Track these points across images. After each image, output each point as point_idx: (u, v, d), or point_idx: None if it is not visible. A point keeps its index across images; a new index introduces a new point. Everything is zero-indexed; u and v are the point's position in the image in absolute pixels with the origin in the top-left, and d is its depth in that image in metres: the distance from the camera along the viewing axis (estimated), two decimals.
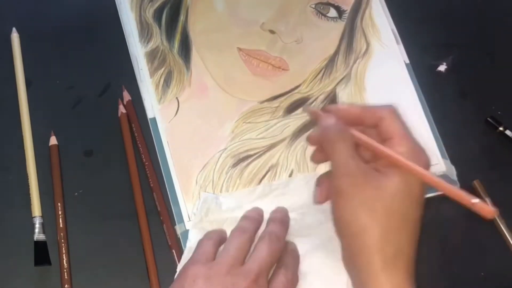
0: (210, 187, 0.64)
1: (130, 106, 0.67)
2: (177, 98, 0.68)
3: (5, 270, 0.61)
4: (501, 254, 0.63)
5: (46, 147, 0.65)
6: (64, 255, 0.61)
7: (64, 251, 0.61)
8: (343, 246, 0.55)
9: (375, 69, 0.69)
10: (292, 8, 0.72)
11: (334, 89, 0.69)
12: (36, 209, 0.63)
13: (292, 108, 0.68)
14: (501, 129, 0.67)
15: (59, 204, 0.63)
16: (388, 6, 0.72)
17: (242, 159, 0.65)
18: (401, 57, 0.70)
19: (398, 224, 0.52)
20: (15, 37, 0.70)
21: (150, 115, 0.67)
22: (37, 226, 0.62)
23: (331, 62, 0.70)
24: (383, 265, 0.51)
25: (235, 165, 0.65)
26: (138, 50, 0.70)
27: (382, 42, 0.71)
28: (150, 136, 0.66)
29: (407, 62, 0.70)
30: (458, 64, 0.71)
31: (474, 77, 0.71)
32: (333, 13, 0.72)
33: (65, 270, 0.61)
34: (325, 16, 0.72)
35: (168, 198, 0.64)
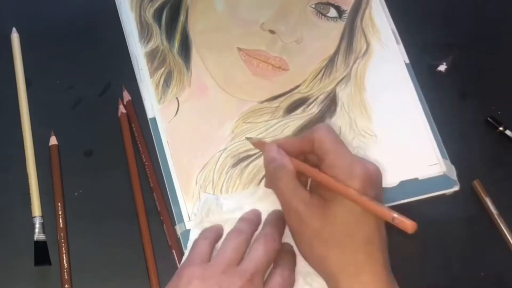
0: (210, 187, 0.64)
1: (130, 106, 0.67)
2: (177, 98, 0.68)
3: (5, 270, 0.61)
4: (501, 254, 0.63)
5: (46, 147, 0.65)
6: (64, 255, 0.61)
7: (64, 251, 0.61)
8: None
9: (375, 69, 0.69)
10: (292, 8, 0.72)
11: (334, 89, 0.69)
12: (36, 209, 0.63)
13: (292, 108, 0.68)
14: (501, 129, 0.67)
15: (59, 204, 0.63)
16: (388, 6, 0.72)
17: (242, 159, 0.65)
18: (401, 57, 0.70)
19: (350, 245, 0.54)
20: (15, 37, 0.70)
21: (150, 115, 0.67)
22: (37, 226, 0.62)
23: (331, 62, 0.70)
24: (349, 282, 0.54)
25: (235, 165, 0.65)
26: (138, 50, 0.70)
27: (382, 42, 0.71)
28: (150, 136, 0.66)
29: (407, 62, 0.70)
30: (458, 64, 0.71)
31: (474, 77, 0.71)
32: (333, 13, 0.72)
33: (65, 270, 0.61)
34: (325, 16, 0.72)
35: (168, 198, 0.64)
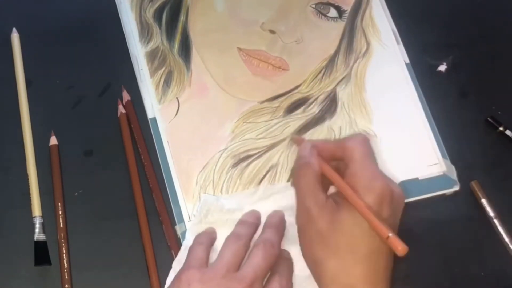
0: (211, 187, 0.64)
1: (129, 106, 0.67)
2: (177, 98, 0.68)
3: (5, 270, 0.61)
4: (500, 254, 0.63)
5: (46, 147, 0.65)
6: (64, 255, 0.61)
7: (64, 251, 0.61)
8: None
9: (375, 69, 0.69)
10: (292, 8, 0.72)
11: (334, 89, 0.69)
12: (36, 209, 0.63)
13: (292, 108, 0.68)
14: (501, 129, 0.67)
15: (59, 204, 0.63)
16: (388, 6, 0.72)
17: (242, 159, 0.65)
18: (401, 57, 0.70)
19: (350, 256, 0.54)
20: (15, 37, 0.70)
21: (150, 115, 0.67)
22: (37, 226, 0.62)
23: (331, 62, 0.70)
24: None
25: (235, 165, 0.65)
26: (138, 50, 0.70)
27: (382, 42, 0.71)
28: (150, 136, 0.66)
29: (407, 62, 0.70)
30: (458, 64, 0.71)
31: (474, 77, 0.71)
32: (333, 13, 0.72)
33: (65, 270, 0.61)
34: (325, 16, 0.72)
35: (168, 198, 0.64)
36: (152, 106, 0.67)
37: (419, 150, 0.66)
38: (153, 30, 0.71)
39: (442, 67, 0.71)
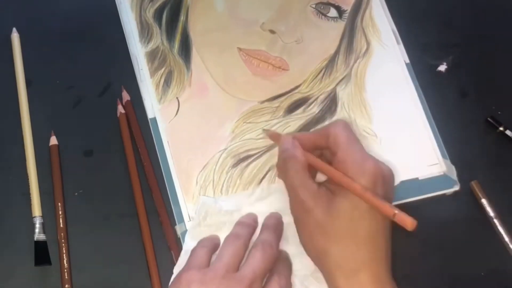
0: (211, 187, 0.64)
1: (129, 106, 0.67)
2: (177, 98, 0.68)
3: (5, 270, 0.61)
4: (501, 254, 0.63)
5: (46, 147, 0.65)
6: (64, 255, 0.61)
7: (64, 251, 0.61)
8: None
9: (375, 69, 0.69)
10: (292, 8, 0.72)
11: (335, 89, 0.69)
12: (36, 209, 0.63)
13: (292, 108, 0.68)
14: (501, 129, 0.67)
15: (59, 204, 0.63)
16: (388, 6, 0.72)
17: (242, 159, 0.65)
18: (401, 57, 0.70)
19: (352, 241, 0.54)
20: (15, 37, 0.70)
21: (150, 115, 0.67)
22: (37, 226, 0.62)
23: (331, 62, 0.70)
24: (346, 282, 0.54)
25: (236, 165, 0.65)
26: (138, 50, 0.70)
27: (382, 42, 0.71)
28: (151, 136, 0.66)
29: (407, 62, 0.70)
30: (458, 64, 0.71)
31: (474, 77, 0.71)
32: (333, 13, 0.72)
33: (65, 270, 0.61)
34: (325, 16, 0.72)
35: (167, 198, 0.64)
36: (152, 106, 0.67)
37: (419, 150, 0.66)
38: (153, 30, 0.71)
39: (442, 67, 0.71)
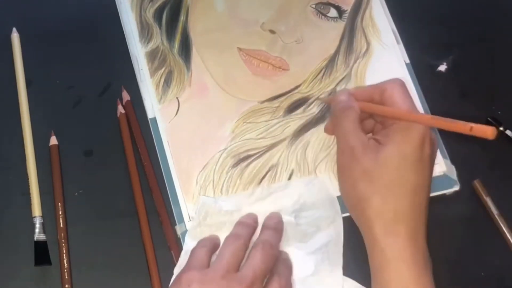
0: (211, 187, 0.64)
1: (129, 106, 0.67)
2: (177, 98, 0.68)
3: (5, 270, 0.61)
4: (501, 254, 0.63)
5: (46, 147, 0.65)
6: (64, 255, 0.61)
7: (64, 251, 0.61)
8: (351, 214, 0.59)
9: (375, 69, 0.69)
10: (292, 8, 0.72)
11: (335, 89, 0.69)
12: (36, 209, 0.63)
13: (292, 108, 0.68)
14: (501, 129, 0.67)
15: (59, 204, 0.63)
16: (388, 6, 0.72)
17: (242, 159, 0.65)
18: (401, 57, 0.70)
19: (396, 191, 0.55)
20: (15, 37, 0.70)
21: (150, 115, 0.67)
22: (37, 226, 0.62)
23: (331, 62, 0.70)
24: (384, 231, 0.54)
25: (235, 165, 0.65)
26: (138, 50, 0.70)
27: (382, 42, 0.71)
28: (151, 136, 0.66)
29: (407, 62, 0.70)
30: (458, 64, 0.71)
31: (474, 77, 0.71)
32: (333, 13, 0.72)
33: (65, 270, 0.61)
34: (325, 16, 0.72)
35: (167, 198, 0.64)
36: (152, 106, 0.67)
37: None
38: (153, 30, 0.71)
39: (442, 67, 0.71)
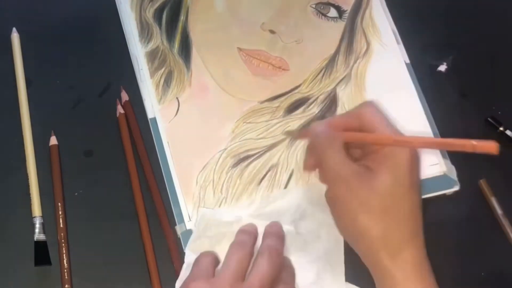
0: (211, 187, 0.64)
1: (128, 106, 0.67)
2: (177, 98, 0.68)
3: (5, 270, 0.61)
4: (501, 254, 0.63)
5: (46, 147, 0.65)
6: (64, 255, 0.61)
7: (64, 251, 0.61)
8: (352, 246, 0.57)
9: (376, 69, 0.69)
10: (292, 8, 0.72)
11: (335, 89, 0.69)
12: (36, 209, 0.63)
13: (292, 108, 0.68)
14: (501, 129, 0.67)
15: (59, 204, 0.63)
16: (388, 6, 0.72)
17: (242, 159, 0.65)
18: (401, 57, 0.70)
19: (395, 218, 0.54)
20: (15, 37, 0.70)
21: (150, 115, 0.67)
22: (37, 226, 0.62)
23: (332, 62, 0.70)
24: (391, 260, 0.53)
25: (235, 165, 0.65)
26: (138, 50, 0.70)
27: (382, 42, 0.71)
28: (150, 136, 0.66)
29: (407, 62, 0.70)
30: (458, 64, 0.71)
31: (474, 77, 0.71)
32: (333, 13, 0.72)
33: (65, 270, 0.61)
34: (325, 16, 0.72)
35: (167, 198, 0.64)
36: (152, 106, 0.67)
37: (420, 150, 0.66)
38: (153, 30, 0.71)
39: (442, 67, 0.71)
